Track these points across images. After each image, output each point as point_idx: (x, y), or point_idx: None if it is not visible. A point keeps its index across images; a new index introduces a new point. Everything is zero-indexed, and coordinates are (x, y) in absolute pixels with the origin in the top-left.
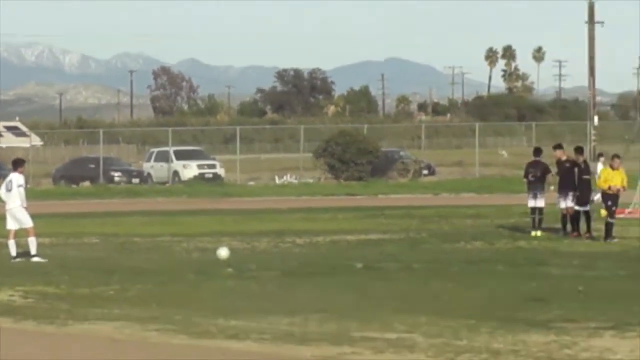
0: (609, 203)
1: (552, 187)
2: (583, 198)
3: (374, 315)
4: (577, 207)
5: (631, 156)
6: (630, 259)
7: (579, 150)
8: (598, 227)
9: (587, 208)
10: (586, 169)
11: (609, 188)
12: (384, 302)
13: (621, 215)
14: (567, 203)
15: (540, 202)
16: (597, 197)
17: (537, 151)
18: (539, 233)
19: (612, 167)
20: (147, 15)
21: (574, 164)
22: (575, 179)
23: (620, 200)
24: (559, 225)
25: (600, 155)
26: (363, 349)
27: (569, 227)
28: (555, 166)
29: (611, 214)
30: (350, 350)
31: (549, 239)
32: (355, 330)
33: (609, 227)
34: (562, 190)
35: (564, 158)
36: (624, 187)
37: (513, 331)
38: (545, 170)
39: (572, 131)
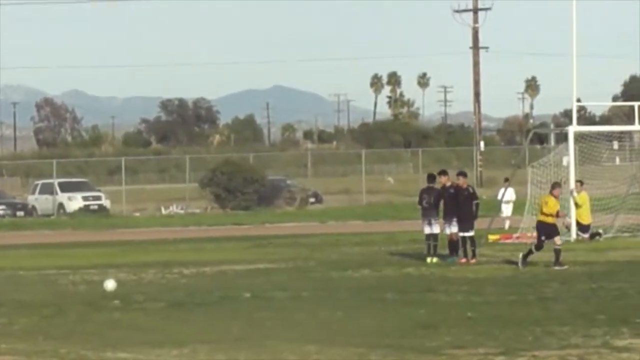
0: (548, 232)
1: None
2: (467, 224)
3: (264, 345)
4: (461, 234)
5: (517, 180)
6: (518, 284)
7: (462, 174)
8: (486, 252)
9: (472, 234)
10: (473, 195)
11: (557, 215)
12: (273, 332)
13: (509, 240)
14: (452, 229)
15: (435, 229)
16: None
17: (431, 177)
18: (434, 260)
19: (554, 196)
20: (28, 47)
21: (458, 189)
22: (458, 204)
23: (509, 225)
24: (446, 252)
25: (507, 180)
26: None
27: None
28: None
29: (540, 244)
30: None
31: (437, 266)
32: None
33: (556, 253)
34: (447, 216)
35: (448, 184)
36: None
37: (403, 359)
38: (439, 196)
39: (458, 157)
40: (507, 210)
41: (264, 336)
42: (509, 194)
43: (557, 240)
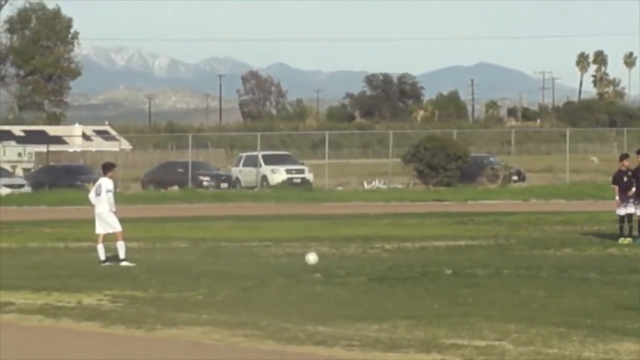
0: None
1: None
2: None
3: (463, 322)
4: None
5: None
6: None
7: None
8: None
9: None
10: None
11: None
12: (473, 309)
13: None
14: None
15: (630, 209)
16: None
17: (624, 156)
18: (627, 240)
19: None
20: (236, 20)
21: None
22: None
23: None
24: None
25: None
26: (452, 356)
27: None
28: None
29: None
30: (439, 357)
31: (632, 247)
32: (443, 337)
33: None
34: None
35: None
36: None
37: (604, 340)
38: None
39: None
40: None
41: (464, 313)
42: None
43: None
